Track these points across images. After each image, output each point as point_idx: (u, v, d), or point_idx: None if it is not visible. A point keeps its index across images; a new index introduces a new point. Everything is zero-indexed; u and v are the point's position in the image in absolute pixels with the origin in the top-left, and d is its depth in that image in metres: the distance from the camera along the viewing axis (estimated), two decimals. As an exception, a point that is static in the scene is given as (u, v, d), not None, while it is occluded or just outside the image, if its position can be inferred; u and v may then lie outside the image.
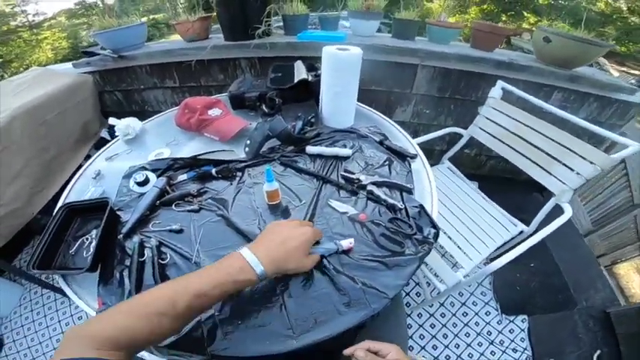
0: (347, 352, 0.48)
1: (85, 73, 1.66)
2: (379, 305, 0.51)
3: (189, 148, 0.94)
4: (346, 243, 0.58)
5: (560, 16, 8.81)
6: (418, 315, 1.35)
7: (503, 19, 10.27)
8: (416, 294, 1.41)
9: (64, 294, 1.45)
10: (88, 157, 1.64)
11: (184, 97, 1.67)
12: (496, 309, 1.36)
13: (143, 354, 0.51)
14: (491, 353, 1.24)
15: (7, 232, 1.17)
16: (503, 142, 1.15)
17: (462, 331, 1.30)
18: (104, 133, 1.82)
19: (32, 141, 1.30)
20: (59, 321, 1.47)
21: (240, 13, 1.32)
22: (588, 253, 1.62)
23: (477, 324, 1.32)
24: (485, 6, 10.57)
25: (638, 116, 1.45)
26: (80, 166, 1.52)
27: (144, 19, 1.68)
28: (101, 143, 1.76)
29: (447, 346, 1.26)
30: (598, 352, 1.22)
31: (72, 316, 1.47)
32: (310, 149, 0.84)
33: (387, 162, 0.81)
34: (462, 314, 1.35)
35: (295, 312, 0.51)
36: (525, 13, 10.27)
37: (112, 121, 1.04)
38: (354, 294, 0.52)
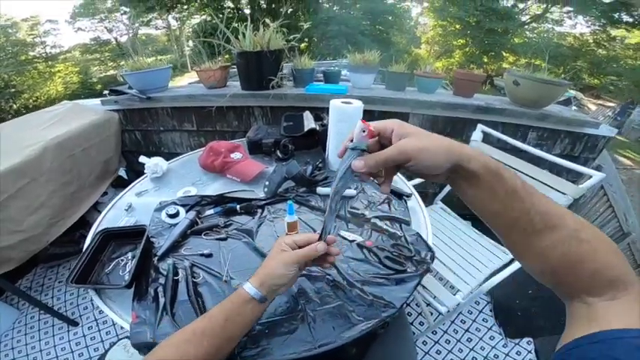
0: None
1: (111, 110, 1.76)
2: (388, 314, 0.61)
3: (214, 188, 1.07)
4: (359, 136, 0.42)
5: (535, 53, 9.46)
6: (423, 343, 1.39)
7: (485, 60, 10.96)
8: (419, 323, 1.47)
9: (67, 320, 1.53)
10: (105, 193, 1.72)
11: (200, 141, 1.84)
12: (500, 333, 1.40)
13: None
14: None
15: (21, 257, 1.22)
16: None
17: (468, 356, 1.34)
18: (122, 172, 1.93)
19: (59, 174, 1.38)
20: (55, 346, 1.46)
21: (256, 66, 1.52)
22: None
23: (482, 348, 1.36)
24: (467, 49, 11.34)
25: (614, 149, 1.57)
26: (97, 202, 1.63)
27: (150, 60, 1.78)
28: (119, 181, 1.87)
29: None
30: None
31: (69, 341, 1.48)
32: (320, 190, 0.99)
33: (386, 200, 0.95)
34: (467, 340, 1.40)
35: (316, 321, 0.59)
36: (504, 53, 11.02)
37: (142, 159, 1.17)
38: (366, 305, 0.62)
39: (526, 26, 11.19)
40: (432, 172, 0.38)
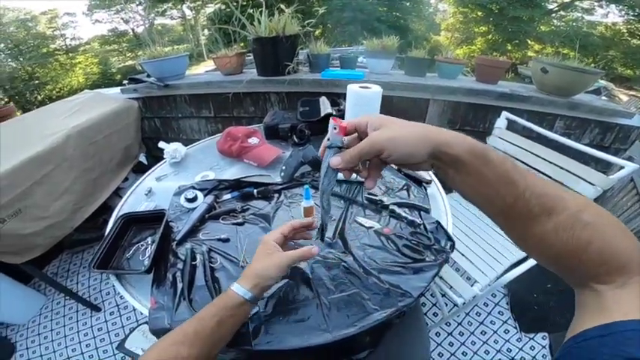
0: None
1: (131, 98, 1.80)
2: (404, 304, 0.59)
3: (231, 172, 1.08)
4: (332, 133, 0.44)
5: (563, 42, 8.94)
6: (436, 334, 1.38)
7: (509, 48, 10.46)
8: (433, 314, 1.46)
9: (91, 306, 1.59)
10: (126, 179, 1.77)
11: (217, 127, 1.85)
12: (515, 327, 1.38)
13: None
14: (513, 369, 1.26)
15: (47, 243, 1.26)
16: (511, 170, 1.24)
17: (481, 349, 1.33)
18: (142, 158, 1.96)
19: (81, 160, 1.42)
20: (78, 331, 1.52)
21: (272, 51, 1.50)
22: None
23: (496, 342, 1.34)
24: (490, 36, 10.86)
25: None
26: (118, 188, 1.68)
27: (167, 49, 1.79)
28: (139, 167, 1.92)
29: (467, 364, 1.28)
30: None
31: (92, 327, 1.53)
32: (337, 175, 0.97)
33: (405, 187, 0.93)
34: (481, 333, 1.38)
35: (330, 309, 0.59)
36: (529, 41, 10.48)
37: (161, 144, 1.20)
38: (382, 293, 0.61)
39: (553, 14, 10.54)
40: (411, 161, 0.37)
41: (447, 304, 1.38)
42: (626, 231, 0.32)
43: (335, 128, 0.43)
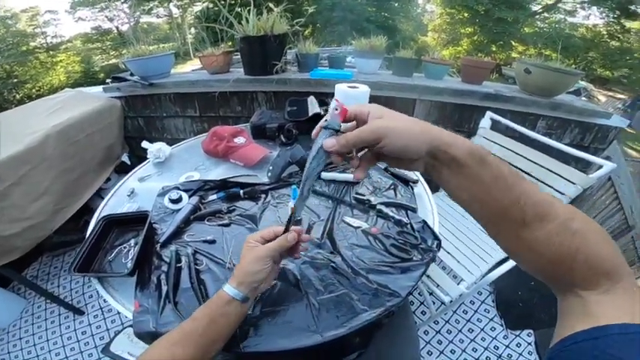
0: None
1: (113, 97, 1.76)
2: (393, 304, 0.60)
3: (217, 173, 1.06)
4: (332, 114, 0.42)
5: (545, 43, 9.17)
6: (425, 332, 1.39)
7: (493, 49, 10.72)
8: (421, 312, 1.47)
9: (73, 309, 1.52)
10: (108, 179, 1.72)
11: (203, 126, 1.82)
12: (501, 324, 1.41)
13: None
14: (500, 366, 1.28)
15: (26, 245, 1.22)
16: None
17: (468, 346, 1.34)
18: (125, 158, 1.91)
19: (61, 160, 1.37)
20: (61, 335, 1.47)
21: (260, 50, 1.49)
22: None
23: (483, 339, 1.36)
24: (475, 37, 11.09)
25: (624, 141, 1.55)
26: (100, 189, 1.63)
27: (152, 48, 1.78)
28: (121, 167, 1.86)
29: (455, 361, 1.30)
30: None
31: (75, 330, 1.48)
32: (325, 175, 0.97)
33: (392, 186, 0.94)
34: (468, 330, 1.40)
35: (319, 310, 0.58)
36: (513, 43, 10.76)
37: (145, 144, 1.17)
38: (371, 293, 0.61)
39: (537, 16, 10.86)
40: (408, 156, 0.36)
41: (434, 303, 1.40)
42: (609, 238, 0.33)
43: (336, 109, 0.41)
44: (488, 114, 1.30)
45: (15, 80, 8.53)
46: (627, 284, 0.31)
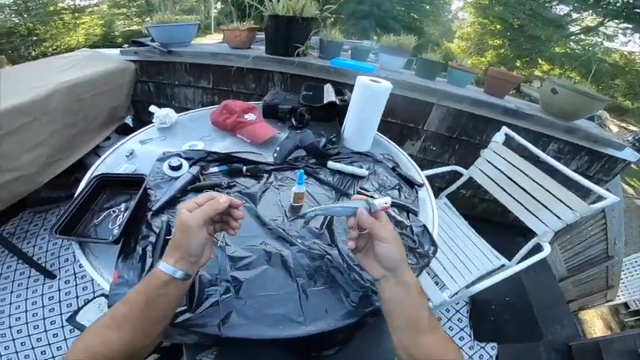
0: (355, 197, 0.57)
1: (129, 60, 1.75)
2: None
3: (222, 145, 1.04)
4: (381, 202, 0.52)
5: (574, 66, 8.91)
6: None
7: (518, 64, 10.46)
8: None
9: (45, 272, 1.46)
10: (108, 138, 1.72)
11: (214, 99, 1.80)
12: (469, 335, 1.43)
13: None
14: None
15: (8, 198, 1.17)
16: (498, 185, 1.25)
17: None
18: (128, 120, 1.93)
19: (64, 115, 1.36)
20: (26, 299, 1.39)
21: (285, 31, 1.46)
22: (559, 294, 1.73)
23: (450, 347, 1.39)
24: (502, 50, 10.83)
25: (625, 176, 1.54)
26: (97, 147, 1.62)
27: (177, 17, 1.78)
28: (124, 128, 1.86)
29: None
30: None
31: (42, 295, 1.41)
32: (331, 164, 0.95)
33: (397, 186, 0.92)
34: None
35: (309, 301, 0.57)
36: (540, 60, 10.46)
37: (152, 108, 1.14)
38: (361, 290, 0.60)
39: (572, 37, 10.51)
40: (383, 263, 0.49)
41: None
42: None
43: (386, 203, 0.53)
44: (504, 129, 1.27)
45: (34, 38, 8.51)
46: None
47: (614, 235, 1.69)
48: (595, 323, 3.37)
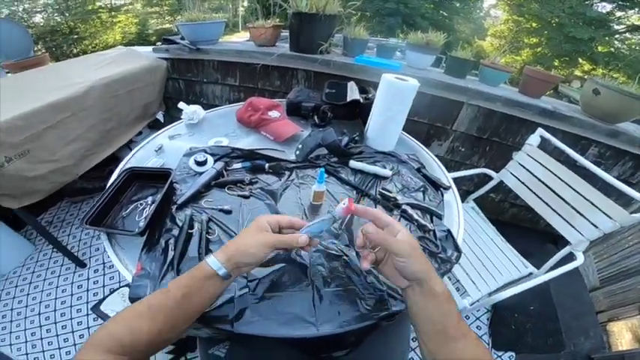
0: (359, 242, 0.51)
1: (161, 58, 1.81)
2: (398, 308, 0.57)
3: (246, 142, 1.06)
4: (339, 208, 0.51)
5: (620, 66, 8.25)
6: (413, 339, 1.37)
7: (556, 63, 9.80)
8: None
9: (77, 261, 1.54)
10: (139, 133, 1.78)
11: (240, 96, 1.84)
12: (488, 343, 1.37)
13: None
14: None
15: (48, 188, 1.23)
16: (531, 190, 1.18)
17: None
18: (159, 116, 1.98)
19: (100, 111, 1.42)
20: (57, 287, 1.44)
21: (309, 28, 1.46)
22: (589, 304, 1.58)
23: (466, 355, 1.33)
24: (539, 49, 10.20)
25: None
26: (130, 141, 1.69)
27: (205, 16, 1.80)
28: (155, 124, 1.92)
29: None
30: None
31: (72, 283, 1.46)
32: (353, 164, 0.93)
33: (422, 188, 0.89)
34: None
35: (323, 302, 0.56)
36: (580, 60, 9.75)
37: (181, 105, 1.18)
38: (377, 294, 0.59)
39: (616, 35, 9.69)
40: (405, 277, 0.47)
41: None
42: None
43: (344, 204, 0.51)
44: (539, 131, 1.19)
45: (75, 36, 8.97)
46: None
47: (655, 245, 1.54)
48: (623, 335, 3.10)
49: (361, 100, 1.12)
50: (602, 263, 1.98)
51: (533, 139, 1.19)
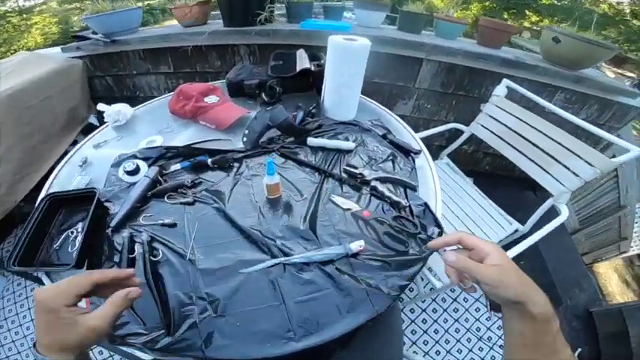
0: (431, 245, 0.47)
1: (74, 57, 1.60)
2: (382, 306, 0.49)
3: (184, 137, 0.90)
4: (356, 246, 0.55)
5: (564, 17, 8.73)
6: (410, 310, 1.35)
7: (505, 16, 10.18)
8: (409, 289, 1.41)
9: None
10: (74, 142, 1.59)
11: (179, 83, 1.62)
12: (485, 305, 1.38)
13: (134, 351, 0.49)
14: (479, 349, 1.26)
15: None
16: (504, 140, 1.14)
17: (452, 327, 1.31)
18: (92, 119, 1.76)
19: (16, 127, 1.25)
20: (29, 308, 1.39)
21: (241, -2, 1.27)
22: (575, 252, 1.66)
23: (466, 320, 1.33)
24: (487, 3, 10.47)
25: (636, 121, 1.47)
26: (66, 153, 1.48)
27: (139, 4, 1.66)
28: (89, 129, 1.69)
29: (437, 342, 1.27)
30: (579, 350, 1.26)
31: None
32: (311, 141, 0.82)
33: (390, 157, 0.79)
34: (453, 310, 1.35)
35: (297, 313, 0.49)
36: (527, 12, 10.18)
37: (100, 107, 1.00)
38: (357, 295, 0.50)
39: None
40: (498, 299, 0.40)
41: (422, 279, 1.32)
42: None
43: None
44: (505, 81, 1.14)
45: None
46: None
47: (626, 182, 1.61)
48: (610, 277, 3.39)
49: (312, 68, 0.98)
50: (579, 204, 2.06)
51: (500, 90, 1.15)
